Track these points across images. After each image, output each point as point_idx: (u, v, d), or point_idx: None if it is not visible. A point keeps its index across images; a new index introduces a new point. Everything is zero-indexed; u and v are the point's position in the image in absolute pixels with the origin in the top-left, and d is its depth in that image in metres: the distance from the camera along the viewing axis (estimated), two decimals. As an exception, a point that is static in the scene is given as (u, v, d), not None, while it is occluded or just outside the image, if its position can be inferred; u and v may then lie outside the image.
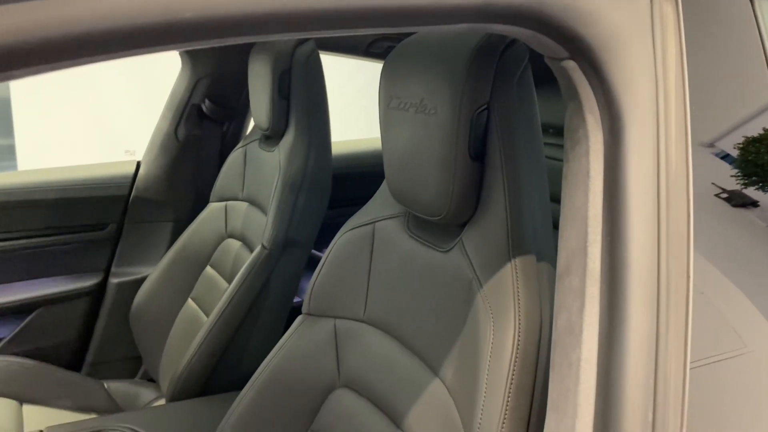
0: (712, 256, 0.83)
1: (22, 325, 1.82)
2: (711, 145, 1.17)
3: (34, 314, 1.83)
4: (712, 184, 0.97)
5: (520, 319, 0.70)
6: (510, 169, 0.76)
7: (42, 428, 1.27)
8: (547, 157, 0.82)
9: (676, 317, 0.46)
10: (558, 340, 0.52)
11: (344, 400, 0.99)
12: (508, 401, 0.67)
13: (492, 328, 0.72)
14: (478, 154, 0.77)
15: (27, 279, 1.85)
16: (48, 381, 1.65)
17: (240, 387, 1.10)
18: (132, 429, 1.23)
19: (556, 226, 0.67)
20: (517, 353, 0.69)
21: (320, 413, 1.02)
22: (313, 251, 1.73)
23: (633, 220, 0.48)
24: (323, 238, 1.13)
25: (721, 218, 0.87)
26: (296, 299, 1.66)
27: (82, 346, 1.91)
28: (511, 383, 0.68)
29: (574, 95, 0.52)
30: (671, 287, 0.47)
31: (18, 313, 1.84)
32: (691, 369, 0.68)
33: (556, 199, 0.64)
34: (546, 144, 0.84)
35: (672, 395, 0.44)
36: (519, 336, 0.69)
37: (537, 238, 0.76)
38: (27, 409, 1.58)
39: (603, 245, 0.49)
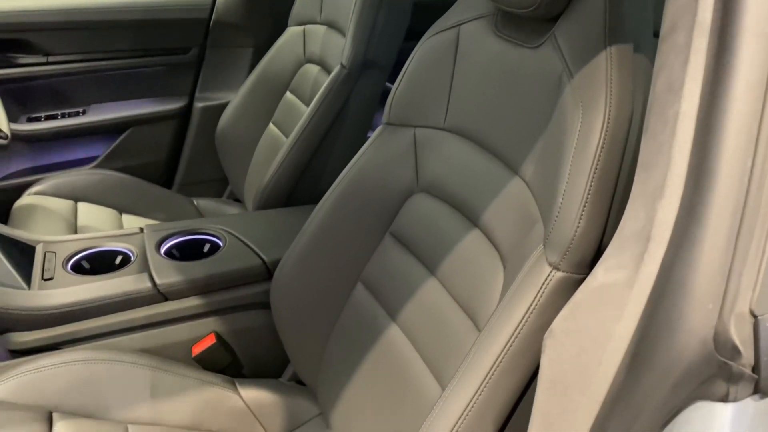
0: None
1: (116, 143, 1.94)
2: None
3: (125, 134, 1.94)
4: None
5: (610, 108, 0.68)
6: (614, -53, 0.71)
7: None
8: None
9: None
10: (654, 101, 0.50)
11: (422, 204, 1.02)
12: (591, 185, 0.67)
13: (580, 117, 0.70)
14: (580, -70, 0.72)
15: (118, 100, 1.94)
16: (143, 195, 1.78)
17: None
18: (224, 229, 1.32)
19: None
20: (604, 140, 0.68)
21: (398, 216, 1.06)
22: (388, 84, 1.71)
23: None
24: (399, 72, 1.11)
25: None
26: (369, 133, 1.68)
27: (172, 166, 2.02)
28: (596, 168, 0.68)
29: None
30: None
31: (111, 132, 1.95)
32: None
33: None
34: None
35: (776, 143, 0.43)
36: (608, 123, 0.68)
37: (637, 26, 0.72)
38: (126, 217, 1.72)
39: (718, -5, 0.46)
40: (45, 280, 1.15)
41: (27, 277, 1.15)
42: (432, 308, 0.94)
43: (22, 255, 1.21)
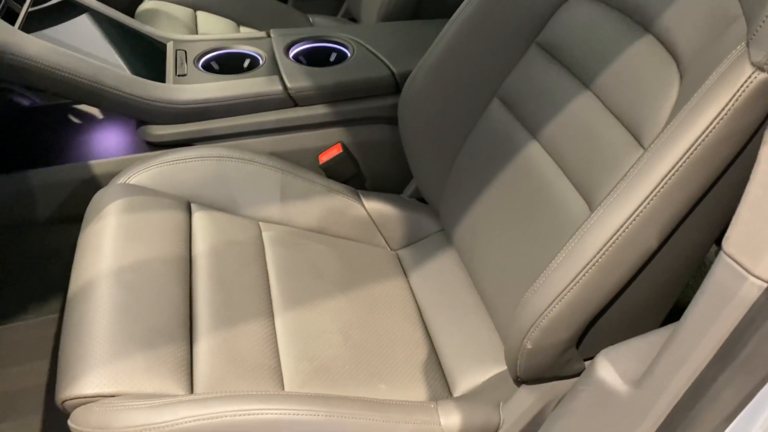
0: None
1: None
2: None
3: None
4: None
5: None
6: None
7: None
8: None
9: None
10: None
11: (579, 9, 0.91)
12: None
13: None
14: None
15: None
16: (260, 7, 1.73)
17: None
18: (352, 38, 1.26)
19: None
20: None
21: (549, 25, 0.96)
22: None
23: None
24: None
25: None
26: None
27: (286, -20, 1.94)
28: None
29: None
30: None
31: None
32: None
33: None
34: None
35: None
36: None
37: None
38: (243, 29, 1.69)
39: None
40: (179, 75, 1.15)
41: (161, 72, 1.16)
42: (585, 124, 0.87)
43: (154, 51, 1.21)
